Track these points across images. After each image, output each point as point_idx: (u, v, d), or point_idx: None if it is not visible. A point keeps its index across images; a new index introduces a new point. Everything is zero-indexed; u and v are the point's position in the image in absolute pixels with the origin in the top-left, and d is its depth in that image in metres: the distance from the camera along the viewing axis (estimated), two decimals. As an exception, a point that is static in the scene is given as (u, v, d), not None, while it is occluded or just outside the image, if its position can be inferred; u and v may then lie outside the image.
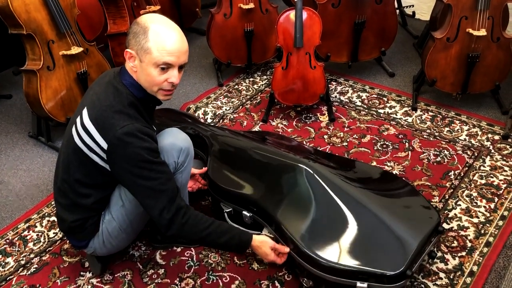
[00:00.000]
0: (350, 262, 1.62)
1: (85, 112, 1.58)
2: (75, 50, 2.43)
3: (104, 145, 1.52)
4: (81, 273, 1.91)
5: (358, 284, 1.59)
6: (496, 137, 2.49)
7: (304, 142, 2.51)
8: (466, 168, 2.30)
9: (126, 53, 1.55)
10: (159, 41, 1.49)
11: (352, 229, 1.73)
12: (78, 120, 1.60)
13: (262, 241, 1.73)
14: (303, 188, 1.87)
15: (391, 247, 1.67)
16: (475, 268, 1.84)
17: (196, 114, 2.75)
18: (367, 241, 1.70)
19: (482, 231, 1.98)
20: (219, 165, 2.04)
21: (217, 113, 2.75)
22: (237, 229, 1.73)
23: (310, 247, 1.67)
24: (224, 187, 1.93)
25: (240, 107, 2.83)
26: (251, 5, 2.81)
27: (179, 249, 1.98)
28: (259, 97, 2.91)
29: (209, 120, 2.70)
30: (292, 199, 1.85)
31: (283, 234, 1.75)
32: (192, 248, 1.97)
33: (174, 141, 1.69)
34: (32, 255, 1.99)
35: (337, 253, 1.66)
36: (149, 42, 1.49)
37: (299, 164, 1.93)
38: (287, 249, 1.74)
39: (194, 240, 1.75)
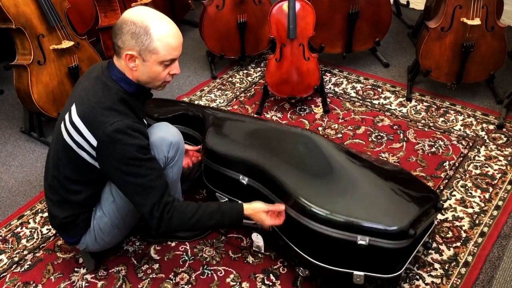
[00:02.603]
0: (349, 214, 1.58)
1: (73, 108, 1.55)
2: (66, 44, 2.40)
3: (94, 142, 1.51)
4: (75, 269, 1.90)
5: (359, 239, 1.55)
6: (491, 127, 2.48)
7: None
8: (461, 158, 2.30)
9: (126, 55, 1.50)
10: (164, 39, 1.49)
11: (354, 190, 1.70)
12: (67, 116, 1.58)
13: (254, 208, 1.68)
14: (305, 152, 1.85)
15: (394, 208, 1.64)
16: (469, 258, 1.84)
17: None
18: (369, 200, 1.66)
19: (477, 221, 1.98)
20: (217, 134, 2.00)
21: (211, 106, 2.73)
22: (226, 205, 1.70)
23: (309, 199, 1.63)
24: (221, 152, 1.89)
25: (234, 99, 2.81)
26: (244, -4, 2.78)
27: (173, 244, 1.97)
28: (253, 90, 2.89)
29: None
30: (293, 161, 1.81)
31: (280, 190, 1.71)
32: (186, 243, 1.97)
33: (164, 135, 1.67)
34: (25, 252, 1.98)
35: (337, 206, 1.62)
36: (154, 42, 1.47)
37: (303, 133, 1.93)
38: (282, 206, 1.69)
39: (188, 230, 1.72)
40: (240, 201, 1.77)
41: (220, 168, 1.91)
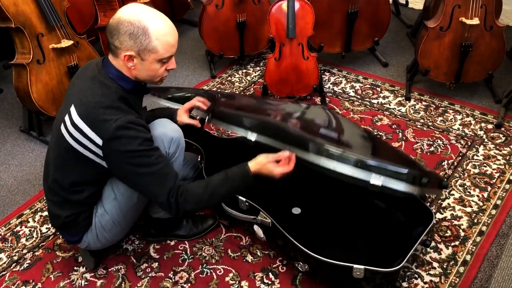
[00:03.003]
0: (362, 155, 1.58)
1: (73, 109, 1.55)
2: (65, 43, 2.40)
3: (99, 141, 1.50)
4: (75, 268, 1.90)
5: (373, 177, 1.52)
6: (490, 126, 2.49)
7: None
8: (460, 158, 2.30)
9: (125, 56, 1.50)
10: (163, 38, 1.49)
11: (365, 144, 1.75)
12: (66, 118, 1.57)
13: (259, 162, 1.62)
14: (313, 115, 1.93)
15: (405, 162, 1.66)
16: (468, 257, 1.85)
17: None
18: (379, 153, 1.70)
19: (475, 220, 1.99)
20: (225, 101, 2.03)
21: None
22: (231, 169, 1.63)
23: (322, 142, 1.65)
24: (229, 112, 1.91)
25: (233, 99, 2.82)
26: (243, -4, 2.79)
27: (172, 243, 1.97)
28: (252, 89, 2.89)
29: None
30: (302, 118, 1.88)
31: (290, 137, 1.74)
32: (185, 242, 1.97)
33: (165, 131, 1.68)
34: (25, 251, 1.98)
35: (351, 150, 1.64)
36: (153, 42, 1.48)
37: (313, 106, 2.08)
38: (286, 153, 1.62)
39: (205, 205, 1.66)
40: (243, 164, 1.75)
41: (228, 125, 1.88)
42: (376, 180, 1.52)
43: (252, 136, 1.80)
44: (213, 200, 1.61)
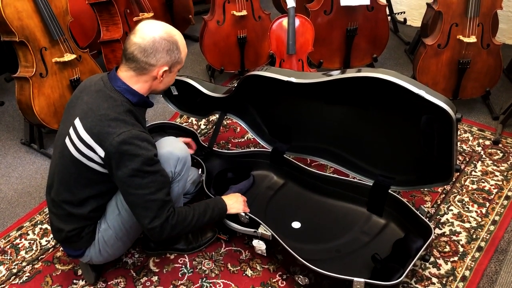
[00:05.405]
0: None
1: (78, 122, 1.56)
2: (68, 57, 2.43)
3: (102, 153, 1.52)
4: (74, 281, 1.90)
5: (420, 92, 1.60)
6: (487, 143, 2.51)
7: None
8: (458, 173, 2.32)
9: (164, 72, 1.58)
10: (184, 49, 1.64)
11: None
12: (71, 131, 1.58)
13: (228, 196, 1.88)
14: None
15: None
16: (467, 273, 1.85)
17: (190, 121, 2.76)
18: None
19: (474, 236, 2.00)
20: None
21: (210, 119, 2.76)
22: (209, 200, 1.82)
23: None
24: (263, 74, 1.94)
25: (233, 113, 2.83)
26: (244, 12, 2.82)
27: (172, 256, 1.97)
28: (252, 103, 2.91)
29: (202, 127, 2.71)
30: None
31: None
32: (185, 255, 1.97)
33: (172, 150, 1.69)
34: (24, 263, 1.98)
35: None
36: (181, 54, 1.62)
37: None
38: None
39: (188, 231, 1.79)
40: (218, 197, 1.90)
41: (274, 74, 1.93)
42: (423, 94, 1.59)
43: (293, 79, 1.93)
44: (195, 227, 1.70)
